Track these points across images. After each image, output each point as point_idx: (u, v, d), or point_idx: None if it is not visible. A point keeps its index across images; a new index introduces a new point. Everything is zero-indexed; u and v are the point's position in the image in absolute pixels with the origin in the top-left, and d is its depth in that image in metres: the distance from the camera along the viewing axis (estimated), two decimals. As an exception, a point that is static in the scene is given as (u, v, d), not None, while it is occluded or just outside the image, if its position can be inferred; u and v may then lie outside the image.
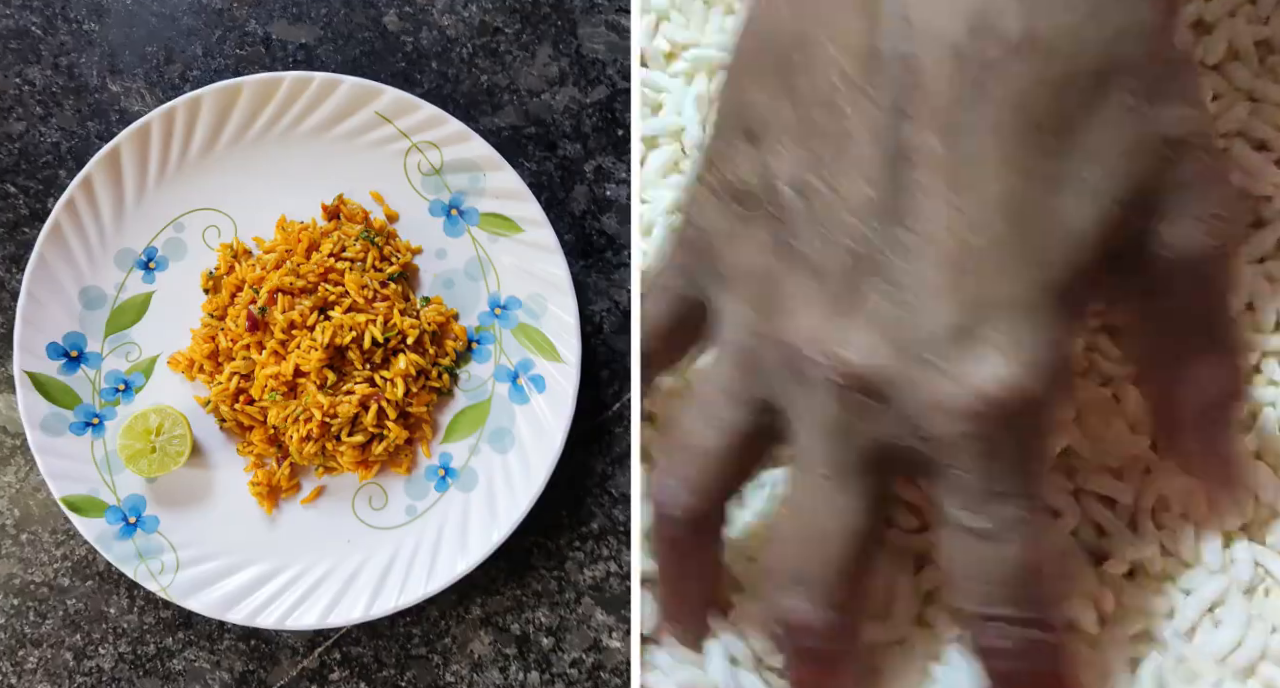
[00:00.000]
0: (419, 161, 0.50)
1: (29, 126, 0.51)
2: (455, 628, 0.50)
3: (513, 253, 0.50)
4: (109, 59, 0.52)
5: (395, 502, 0.49)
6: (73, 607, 0.50)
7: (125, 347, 0.50)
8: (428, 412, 0.50)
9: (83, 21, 0.52)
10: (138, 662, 0.49)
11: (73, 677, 0.49)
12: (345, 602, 0.48)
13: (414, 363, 0.49)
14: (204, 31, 0.52)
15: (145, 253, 0.50)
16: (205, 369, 0.49)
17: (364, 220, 0.50)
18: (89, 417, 0.49)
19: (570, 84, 0.52)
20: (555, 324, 0.49)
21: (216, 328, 0.49)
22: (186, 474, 0.49)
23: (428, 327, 0.49)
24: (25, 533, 0.50)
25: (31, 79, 0.52)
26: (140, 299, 0.50)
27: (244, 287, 0.49)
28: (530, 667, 0.50)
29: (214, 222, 0.50)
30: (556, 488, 0.49)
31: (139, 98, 0.52)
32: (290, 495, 0.49)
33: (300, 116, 0.50)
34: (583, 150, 0.52)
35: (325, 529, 0.49)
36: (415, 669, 0.50)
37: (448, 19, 0.52)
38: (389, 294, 0.49)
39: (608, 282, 0.51)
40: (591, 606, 0.50)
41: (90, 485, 0.48)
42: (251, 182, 0.50)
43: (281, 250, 0.49)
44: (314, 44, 0.52)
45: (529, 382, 0.50)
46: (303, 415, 0.48)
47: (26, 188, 0.51)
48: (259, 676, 0.49)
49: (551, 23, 0.52)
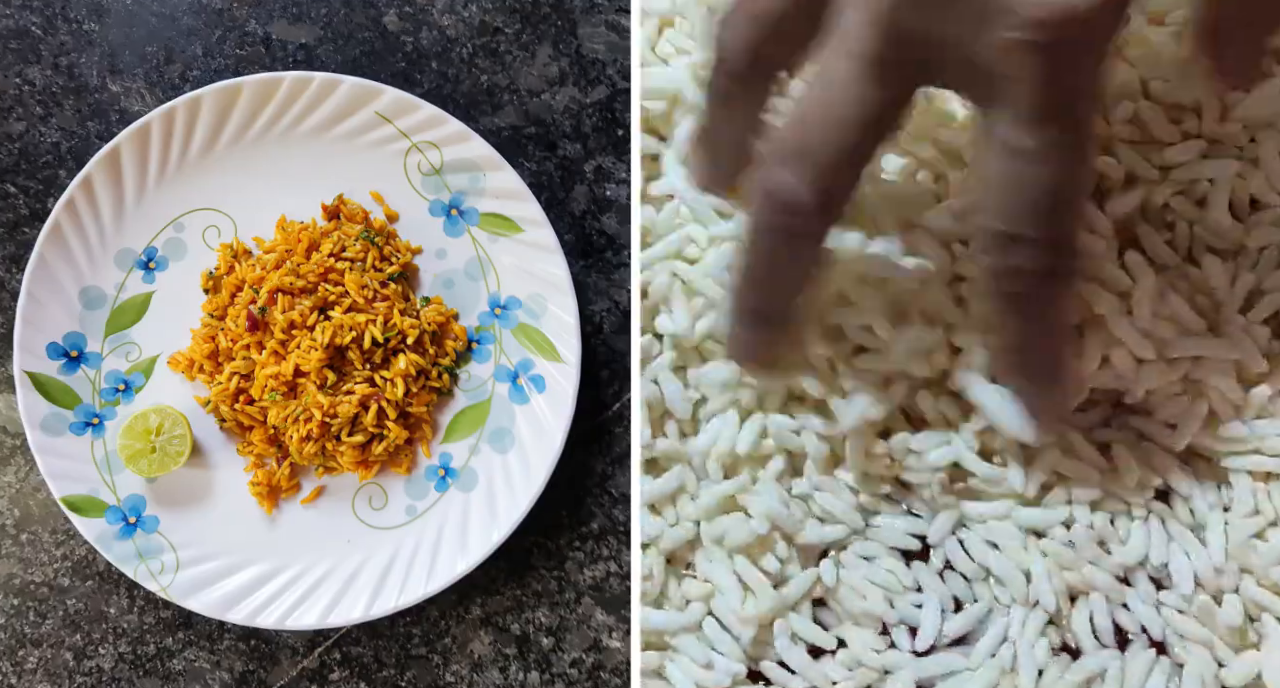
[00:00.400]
0: (419, 162, 0.50)
1: (29, 126, 0.52)
2: (455, 628, 0.50)
3: (513, 253, 0.50)
4: (109, 59, 0.52)
5: (395, 502, 0.49)
6: (73, 607, 0.50)
7: (125, 347, 0.50)
8: (428, 412, 0.50)
9: (83, 21, 0.52)
10: (138, 662, 0.49)
11: (73, 677, 0.49)
12: (345, 602, 0.48)
13: (414, 363, 0.49)
14: (204, 31, 0.52)
15: (145, 253, 0.50)
16: (205, 369, 0.49)
17: (364, 220, 0.50)
18: (89, 417, 0.49)
19: (570, 84, 0.52)
20: (555, 324, 0.49)
21: (216, 328, 0.49)
22: (186, 474, 0.49)
23: (428, 327, 0.49)
24: (25, 533, 0.50)
25: (31, 79, 0.52)
26: (140, 299, 0.50)
27: (244, 287, 0.49)
28: (530, 667, 0.50)
29: (214, 222, 0.50)
30: (556, 488, 0.49)
31: (139, 98, 0.52)
32: (290, 495, 0.49)
33: (300, 116, 0.50)
34: (583, 150, 0.52)
35: (325, 529, 0.49)
36: (415, 669, 0.50)
37: (448, 19, 0.52)
38: (389, 294, 0.49)
39: (608, 282, 0.51)
40: (591, 606, 0.50)
41: (90, 485, 0.48)
42: (251, 182, 0.50)
43: (281, 250, 0.49)
44: (314, 44, 0.52)
45: (529, 382, 0.50)
46: (303, 415, 0.48)
47: (26, 188, 0.51)
48: (259, 676, 0.49)
49: (551, 23, 0.52)
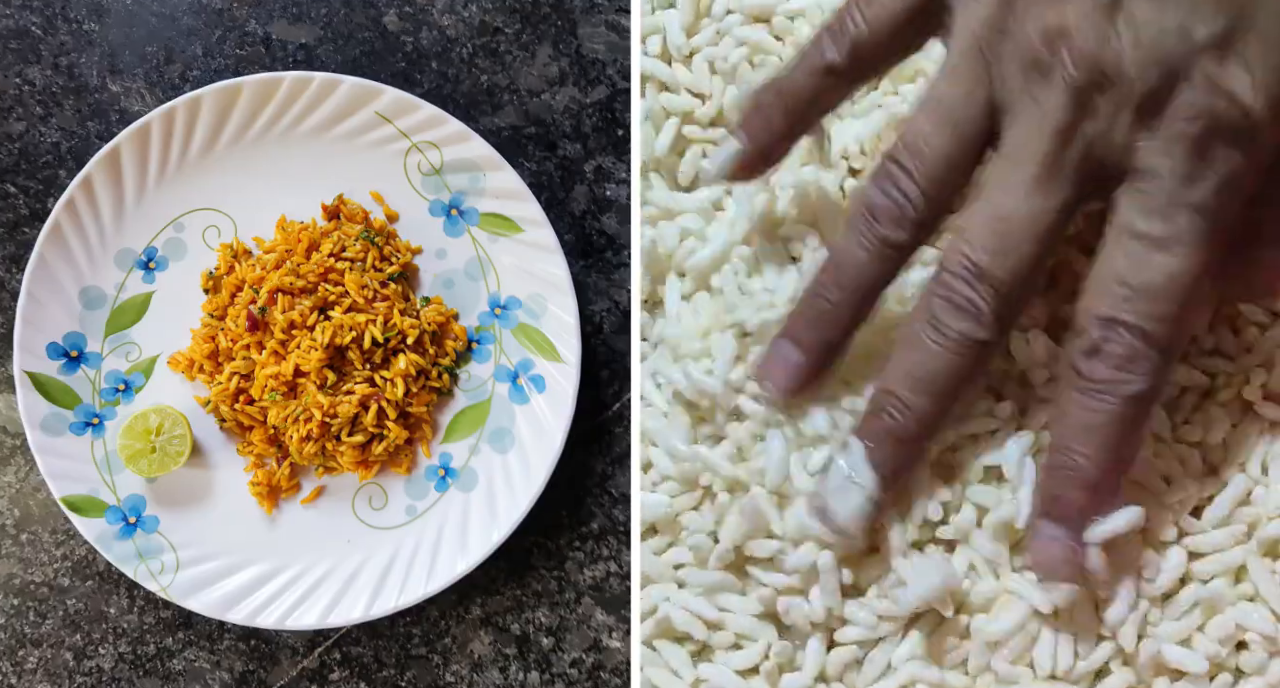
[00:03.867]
0: (419, 162, 0.50)
1: (29, 126, 0.51)
2: (455, 628, 0.50)
3: (513, 253, 0.50)
4: (109, 59, 0.52)
5: (395, 502, 0.49)
6: (73, 607, 0.50)
7: (125, 347, 0.50)
8: (428, 412, 0.50)
9: (83, 21, 0.52)
10: (138, 662, 0.49)
11: (73, 677, 0.49)
12: (345, 602, 0.48)
13: (414, 363, 0.49)
14: (204, 31, 0.52)
15: (145, 253, 0.50)
16: (205, 369, 0.49)
17: (364, 220, 0.50)
18: (89, 417, 0.49)
19: (570, 84, 0.52)
20: (555, 324, 0.49)
21: (216, 328, 0.49)
22: (186, 474, 0.49)
23: (428, 327, 0.49)
24: (25, 533, 0.50)
25: (31, 79, 0.52)
26: (140, 299, 0.50)
27: (244, 287, 0.49)
28: (530, 667, 0.50)
29: (214, 222, 0.50)
30: (556, 488, 0.49)
31: (139, 98, 0.52)
32: (290, 495, 0.49)
33: (300, 116, 0.49)
34: (583, 150, 0.52)
35: (325, 529, 0.49)
36: (415, 669, 0.50)
37: (448, 19, 0.52)
38: (389, 294, 0.49)
39: (608, 282, 0.51)
40: (591, 606, 0.50)
41: (90, 485, 0.48)
42: (251, 182, 0.50)
43: (281, 250, 0.49)
44: (314, 44, 0.52)
45: (529, 382, 0.50)
46: (303, 415, 0.48)
47: (26, 188, 0.51)
48: (259, 676, 0.49)
49: (551, 23, 0.52)
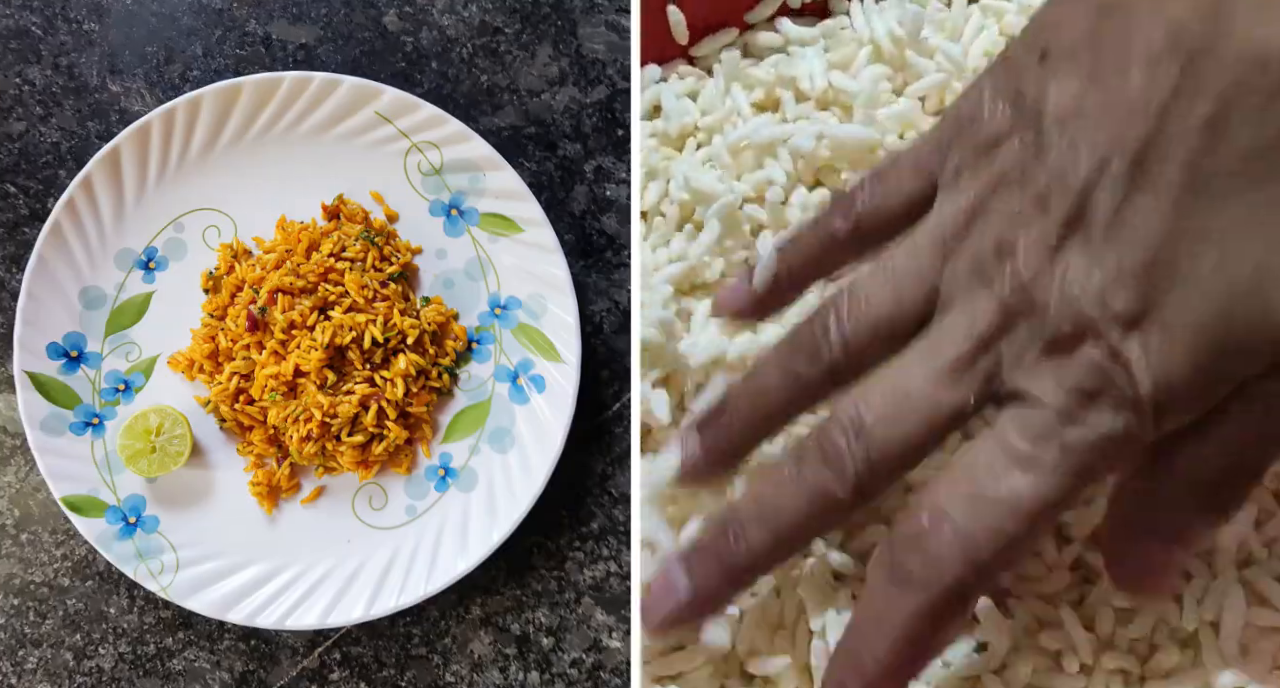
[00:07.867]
0: (419, 162, 0.50)
1: (29, 126, 0.51)
2: (455, 628, 0.50)
3: (513, 253, 0.50)
4: (109, 59, 0.52)
5: (395, 502, 0.49)
6: (73, 607, 0.50)
7: (125, 347, 0.50)
8: (428, 412, 0.50)
9: (83, 21, 0.52)
10: (138, 662, 0.49)
11: (73, 677, 0.49)
12: (345, 602, 0.48)
13: (414, 363, 0.49)
14: (204, 31, 0.52)
15: (145, 253, 0.50)
16: (205, 369, 0.49)
17: (364, 220, 0.50)
18: (89, 417, 0.49)
19: (570, 84, 0.52)
20: (555, 324, 0.49)
21: (216, 328, 0.49)
22: (186, 474, 0.49)
23: (428, 327, 0.49)
24: (25, 533, 0.50)
25: (31, 79, 0.52)
26: (140, 299, 0.50)
27: (244, 287, 0.49)
28: (530, 667, 0.50)
29: (214, 222, 0.50)
30: (556, 488, 0.49)
31: (139, 98, 0.52)
32: (290, 495, 0.49)
33: (300, 116, 0.50)
34: (583, 150, 0.52)
35: (325, 529, 0.49)
36: (415, 669, 0.50)
37: (448, 19, 0.52)
38: (389, 294, 0.49)
39: (608, 282, 0.51)
40: (591, 606, 0.50)
41: (90, 485, 0.48)
42: (251, 182, 0.50)
43: (281, 250, 0.49)
44: (314, 44, 0.52)
45: (529, 382, 0.50)
46: (303, 415, 0.48)
47: (26, 188, 0.51)
48: (259, 676, 0.49)
49: (551, 23, 0.52)
